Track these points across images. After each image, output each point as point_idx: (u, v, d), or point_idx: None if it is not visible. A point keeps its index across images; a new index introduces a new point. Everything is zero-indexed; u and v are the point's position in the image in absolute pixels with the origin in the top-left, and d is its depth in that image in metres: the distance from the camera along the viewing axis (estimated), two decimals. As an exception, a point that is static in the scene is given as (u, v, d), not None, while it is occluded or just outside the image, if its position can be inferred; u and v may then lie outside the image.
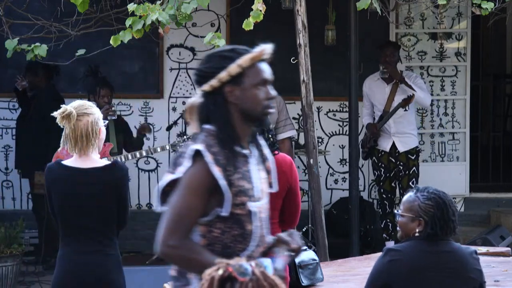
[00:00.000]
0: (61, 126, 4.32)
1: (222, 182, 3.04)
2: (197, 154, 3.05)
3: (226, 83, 3.12)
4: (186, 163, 3.06)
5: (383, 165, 8.36)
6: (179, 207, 3.03)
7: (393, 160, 8.34)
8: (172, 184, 3.09)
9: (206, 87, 3.14)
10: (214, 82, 3.13)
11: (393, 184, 8.39)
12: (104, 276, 4.30)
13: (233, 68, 3.13)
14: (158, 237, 3.04)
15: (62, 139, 4.33)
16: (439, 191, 3.90)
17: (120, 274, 4.37)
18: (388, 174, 8.36)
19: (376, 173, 8.43)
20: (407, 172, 8.30)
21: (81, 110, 4.31)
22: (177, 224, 3.02)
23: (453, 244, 3.88)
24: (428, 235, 3.83)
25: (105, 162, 4.41)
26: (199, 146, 3.06)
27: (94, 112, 4.34)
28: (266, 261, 2.06)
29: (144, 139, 8.30)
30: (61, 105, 4.36)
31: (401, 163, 8.31)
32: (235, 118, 3.15)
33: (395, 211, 4.04)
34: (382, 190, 8.41)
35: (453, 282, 3.81)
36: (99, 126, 4.33)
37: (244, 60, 3.14)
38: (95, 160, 4.34)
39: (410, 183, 8.24)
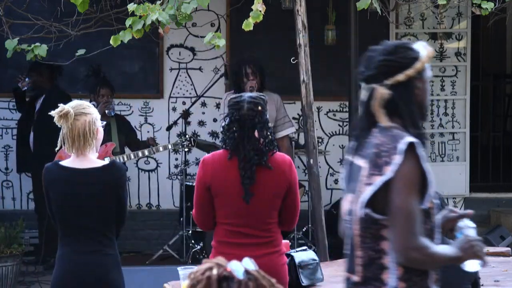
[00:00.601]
0: (59, 126, 4.31)
1: (430, 175, 2.98)
2: (409, 148, 2.94)
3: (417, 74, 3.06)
4: (397, 159, 2.92)
5: None
6: (409, 207, 2.92)
7: None
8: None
9: (401, 77, 3.04)
10: (411, 72, 3.05)
11: None
12: (104, 276, 4.29)
13: (425, 59, 3.07)
14: (397, 245, 2.94)
15: (59, 139, 4.33)
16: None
17: (119, 274, 4.37)
18: None
19: None
20: None
21: (79, 110, 4.29)
22: (414, 226, 2.93)
23: (445, 240, 3.88)
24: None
25: (103, 162, 4.40)
26: (412, 139, 2.96)
27: (91, 112, 4.33)
28: (248, 261, 2.04)
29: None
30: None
31: None
32: None
33: None
34: None
35: (448, 278, 3.80)
36: (96, 126, 4.32)
37: (431, 52, 3.10)
38: (93, 160, 4.33)
39: None
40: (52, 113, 4.28)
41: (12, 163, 9.02)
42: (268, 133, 4.31)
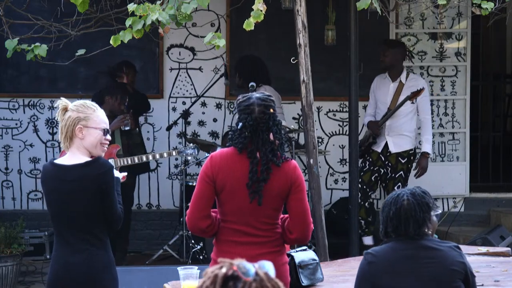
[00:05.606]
0: (57, 119, 4.32)
1: None
2: None
3: None
4: None
5: (370, 159, 8.27)
6: None
7: (382, 159, 8.23)
8: None
9: None
10: None
11: (372, 178, 8.25)
12: (93, 275, 4.26)
13: None
14: None
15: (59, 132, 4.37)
16: (401, 190, 3.90)
17: (111, 274, 4.33)
18: (372, 168, 8.24)
19: (361, 164, 8.22)
20: (393, 175, 8.20)
21: (76, 106, 4.31)
22: None
23: (431, 240, 3.88)
24: (397, 236, 3.86)
25: (88, 158, 4.33)
26: None
27: (87, 113, 4.33)
28: (268, 264, 2.05)
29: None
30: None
31: (389, 164, 8.21)
32: None
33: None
34: (360, 180, 8.11)
35: (435, 277, 3.82)
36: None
37: None
38: (80, 157, 4.29)
39: (396, 188, 8.08)
40: (58, 103, 4.30)
41: (12, 163, 9.02)
42: (282, 135, 4.30)
